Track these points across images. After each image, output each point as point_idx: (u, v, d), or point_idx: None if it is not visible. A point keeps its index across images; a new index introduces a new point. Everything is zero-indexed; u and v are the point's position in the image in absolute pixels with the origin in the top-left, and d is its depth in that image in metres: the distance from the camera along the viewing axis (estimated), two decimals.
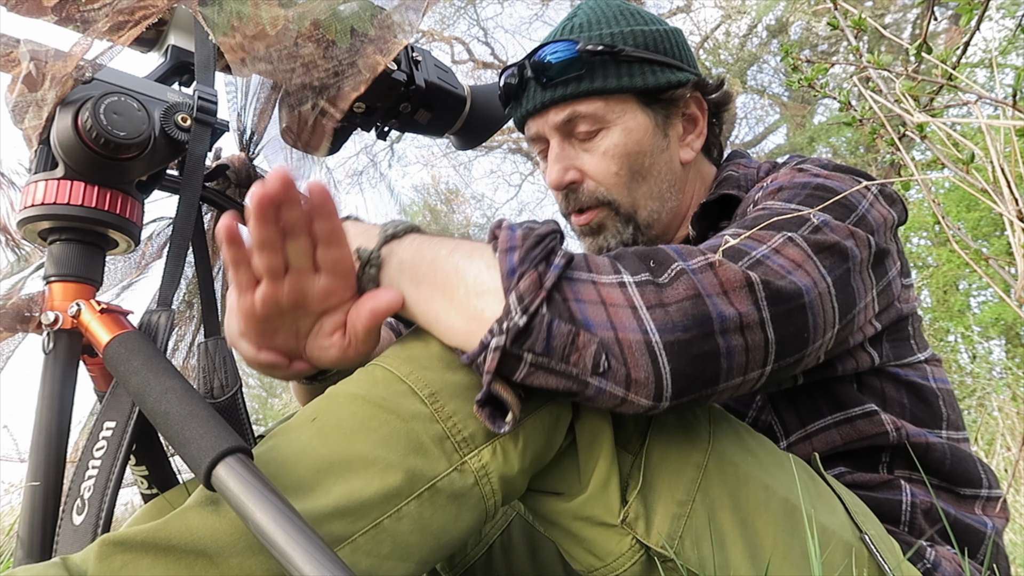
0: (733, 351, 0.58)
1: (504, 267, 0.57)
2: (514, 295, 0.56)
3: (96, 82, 0.67)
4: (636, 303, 0.57)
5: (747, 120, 9.34)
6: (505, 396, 0.57)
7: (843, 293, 0.69)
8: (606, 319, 0.56)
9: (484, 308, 0.58)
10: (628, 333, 0.56)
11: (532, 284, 0.56)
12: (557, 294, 0.57)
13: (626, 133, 0.94)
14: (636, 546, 0.64)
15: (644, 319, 0.56)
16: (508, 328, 0.55)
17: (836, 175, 0.81)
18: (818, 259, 0.67)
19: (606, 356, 0.55)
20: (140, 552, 0.49)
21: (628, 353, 0.55)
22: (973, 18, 0.71)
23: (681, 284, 0.58)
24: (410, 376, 0.60)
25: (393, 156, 10.37)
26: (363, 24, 0.77)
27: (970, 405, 3.96)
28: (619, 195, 0.95)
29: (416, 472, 0.56)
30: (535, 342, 0.55)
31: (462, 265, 0.60)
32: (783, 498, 0.67)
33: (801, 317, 0.63)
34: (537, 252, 0.58)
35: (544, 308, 0.56)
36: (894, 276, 0.82)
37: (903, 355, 0.87)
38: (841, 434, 0.83)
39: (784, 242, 0.67)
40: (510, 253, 0.58)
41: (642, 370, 0.55)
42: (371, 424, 0.57)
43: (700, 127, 1.00)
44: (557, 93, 0.93)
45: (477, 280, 0.59)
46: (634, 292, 0.58)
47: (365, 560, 0.54)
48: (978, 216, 5.45)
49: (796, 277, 0.63)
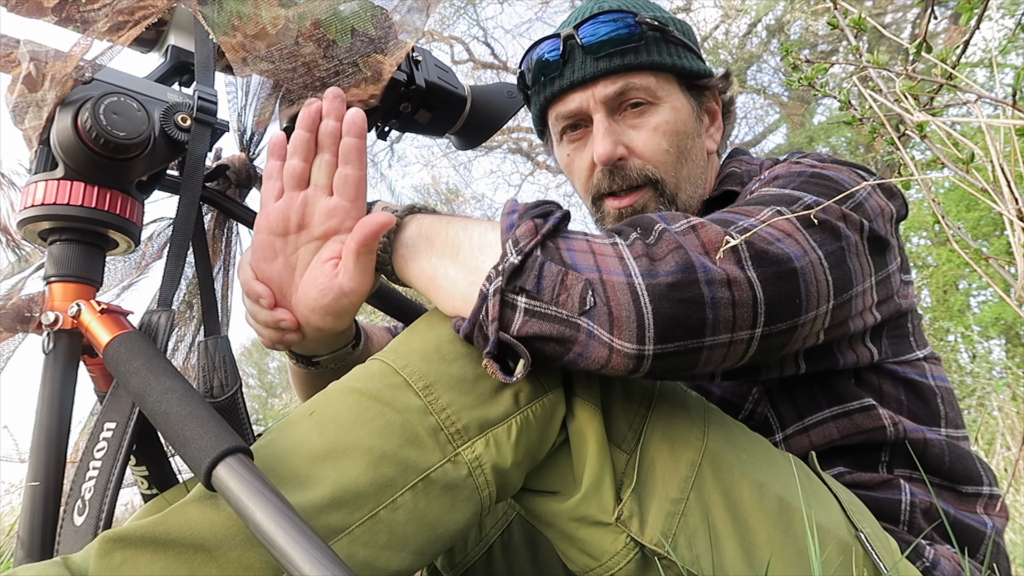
0: (719, 302, 0.58)
1: (504, 224, 0.63)
2: (510, 241, 0.60)
3: (96, 82, 0.67)
4: (624, 254, 0.60)
5: (747, 120, 9.34)
6: (513, 342, 0.59)
7: (837, 269, 0.68)
8: (593, 264, 0.59)
9: (484, 261, 0.62)
10: (612, 275, 0.58)
11: (528, 231, 0.61)
12: (550, 242, 0.61)
13: (675, 111, 0.94)
14: (631, 544, 0.64)
15: (629, 265, 0.59)
16: (504, 269, 0.58)
17: (833, 166, 0.81)
18: (807, 232, 0.67)
19: (592, 293, 0.58)
20: (140, 548, 0.49)
21: (611, 293, 0.57)
22: (973, 17, 0.71)
23: (665, 240, 0.61)
24: (405, 369, 0.61)
25: (393, 156, 10.36)
26: (363, 24, 0.77)
27: (970, 405, 3.96)
28: (666, 174, 0.93)
29: (410, 463, 0.57)
30: (527, 279, 0.58)
31: (471, 227, 0.66)
32: (777, 496, 0.67)
33: (792, 281, 0.62)
34: (536, 210, 0.63)
35: (538, 251, 0.60)
36: (894, 270, 0.82)
37: (902, 352, 0.87)
38: (839, 428, 0.82)
39: (772, 214, 0.67)
40: (511, 214, 0.64)
41: (623, 308, 0.57)
42: (366, 416, 0.58)
43: (718, 121, 1.02)
44: (613, 63, 0.90)
45: (481, 238, 0.64)
46: (623, 246, 0.61)
47: (362, 551, 0.55)
48: (978, 216, 5.45)
49: (784, 244, 0.64)
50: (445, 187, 11.24)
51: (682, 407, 0.71)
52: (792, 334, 0.65)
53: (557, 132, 1.00)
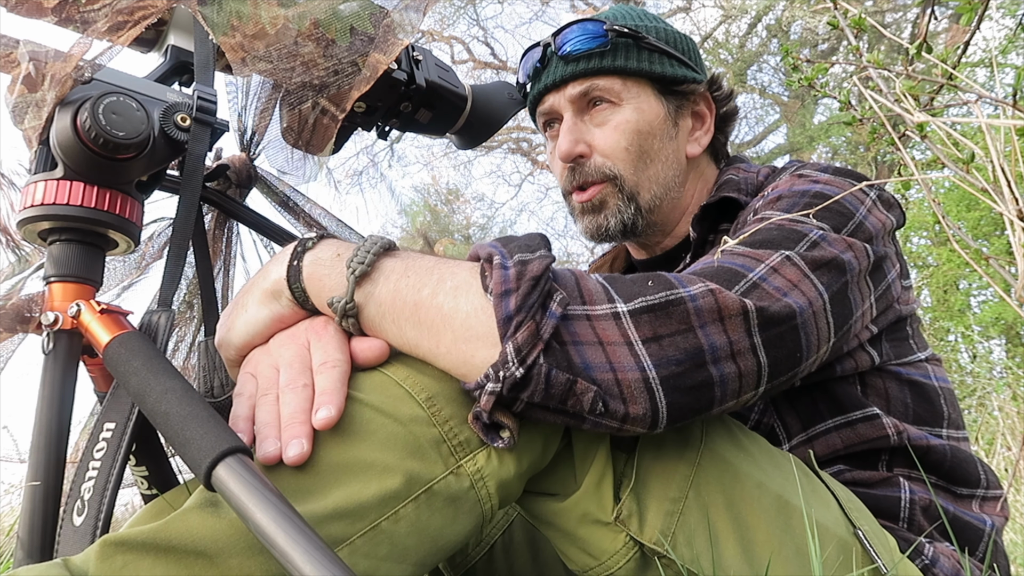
0: (726, 379, 0.60)
1: (499, 314, 0.55)
2: (511, 346, 0.54)
3: (95, 82, 0.67)
4: (632, 337, 0.57)
5: (747, 120, 9.34)
6: (503, 420, 0.58)
7: (839, 307, 0.70)
8: (604, 359, 0.56)
9: (474, 354, 0.57)
10: (626, 373, 0.56)
11: (530, 335, 0.55)
12: (555, 342, 0.56)
13: (638, 112, 0.98)
14: (630, 543, 0.65)
15: (640, 355, 0.57)
16: (505, 377, 0.55)
17: (835, 180, 0.82)
18: (815, 276, 0.68)
19: (603, 400, 0.56)
20: (141, 553, 0.49)
21: (628, 393, 0.56)
22: (973, 18, 0.71)
23: (676, 317, 0.59)
24: (407, 380, 0.60)
25: (393, 156, 10.37)
26: (363, 23, 0.77)
27: (970, 405, 3.96)
28: (625, 171, 0.97)
29: (413, 475, 0.57)
30: (533, 392, 0.55)
31: (447, 307, 0.58)
32: (776, 494, 0.67)
33: (793, 338, 0.64)
34: (534, 298, 0.56)
35: (542, 359, 0.55)
36: (893, 279, 0.83)
37: (904, 354, 0.87)
38: (842, 437, 0.83)
39: (781, 261, 0.67)
40: (505, 298, 0.56)
41: (640, 406, 0.57)
42: (369, 427, 0.57)
43: (708, 125, 1.04)
44: (579, 67, 0.97)
45: (466, 324, 0.57)
46: (629, 325, 0.58)
47: (363, 562, 0.54)
48: (978, 216, 5.45)
49: (792, 298, 0.64)
50: (445, 187, 11.25)
51: None
52: (791, 382, 0.68)
53: (542, 131, 1.08)
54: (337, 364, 0.61)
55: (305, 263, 0.63)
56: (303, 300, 0.63)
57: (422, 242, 10.27)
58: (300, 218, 0.95)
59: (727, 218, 0.94)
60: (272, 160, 0.91)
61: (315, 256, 0.63)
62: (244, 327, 0.65)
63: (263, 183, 0.94)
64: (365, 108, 0.86)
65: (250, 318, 0.64)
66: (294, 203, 0.95)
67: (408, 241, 10.58)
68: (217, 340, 0.67)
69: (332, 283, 0.61)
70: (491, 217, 11.52)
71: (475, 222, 11.58)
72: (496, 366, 0.55)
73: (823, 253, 0.70)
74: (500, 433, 0.59)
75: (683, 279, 0.62)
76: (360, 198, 10.48)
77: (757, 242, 0.71)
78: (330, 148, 0.85)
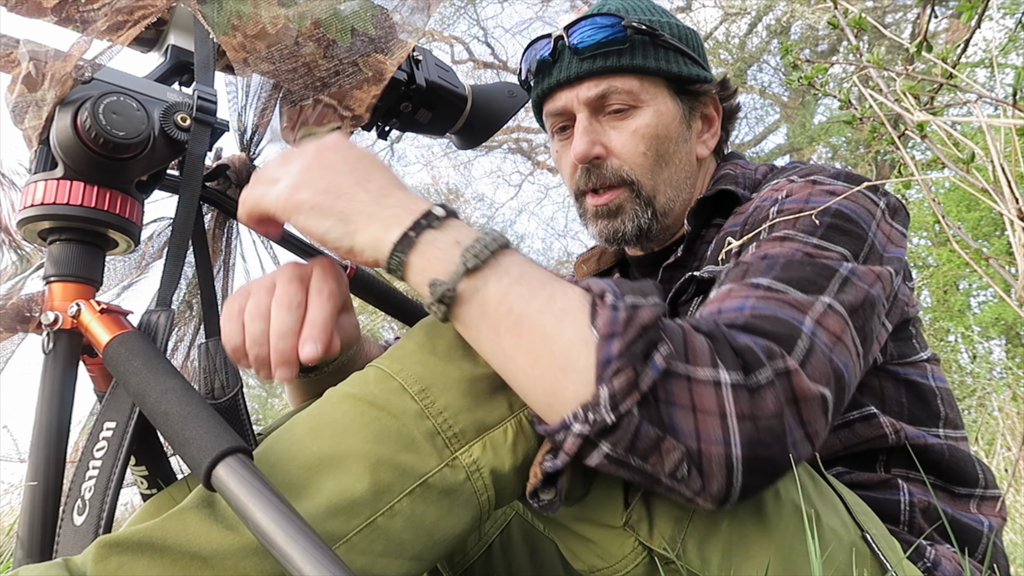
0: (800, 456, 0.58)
1: (601, 355, 0.53)
2: (606, 390, 0.52)
3: (95, 82, 0.67)
4: (727, 410, 0.55)
5: (747, 120, 9.34)
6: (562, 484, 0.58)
7: (866, 344, 0.69)
8: (693, 428, 0.54)
9: (566, 386, 0.54)
10: (712, 446, 0.54)
11: (628, 384, 0.52)
12: (651, 396, 0.54)
13: (657, 116, 0.95)
14: (639, 548, 0.64)
15: (732, 431, 0.55)
16: (594, 421, 0.53)
17: (848, 193, 0.79)
18: (852, 323, 0.67)
19: (687, 465, 0.54)
20: (136, 553, 0.49)
21: (707, 465, 0.55)
22: (973, 17, 0.71)
23: (770, 395, 0.57)
24: (400, 373, 0.60)
25: (393, 156, 10.36)
26: (363, 23, 0.77)
27: (970, 405, 3.96)
28: (642, 176, 0.95)
29: (407, 468, 0.57)
30: (619, 441, 0.53)
31: (551, 330, 0.55)
32: (787, 500, 0.67)
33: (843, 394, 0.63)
34: (638, 347, 0.53)
35: (635, 410, 0.53)
36: (899, 284, 0.82)
37: (907, 354, 0.87)
38: (840, 439, 0.83)
39: (824, 311, 0.65)
40: (609, 341, 0.53)
41: (716, 483, 0.55)
42: (362, 421, 0.57)
43: (715, 127, 1.03)
44: (596, 65, 0.93)
45: (566, 354, 0.54)
46: (728, 396, 0.55)
47: (360, 559, 0.54)
48: (978, 216, 5.45)
49: (837, 355, 0.63)
50: (445, 187, 11.25)
51: None
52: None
53: (549, 129, 1.04)
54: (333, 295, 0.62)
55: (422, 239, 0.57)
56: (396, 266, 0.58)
57: None
58: None
59: (722, 212, 0.94)
60: None
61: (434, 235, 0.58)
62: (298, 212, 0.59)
63: None
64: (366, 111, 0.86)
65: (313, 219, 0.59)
66: None
67: None
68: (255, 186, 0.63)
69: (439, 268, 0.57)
70: (491, 217, 11.52)
71: (475, 222, 11.58)
72: (587, 407, 0.53)
73: (856, 296, 0.68)
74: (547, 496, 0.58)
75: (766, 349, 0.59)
76: None
77: (794, 280, 0.68)
78: None
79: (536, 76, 0.99)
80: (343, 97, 0.78)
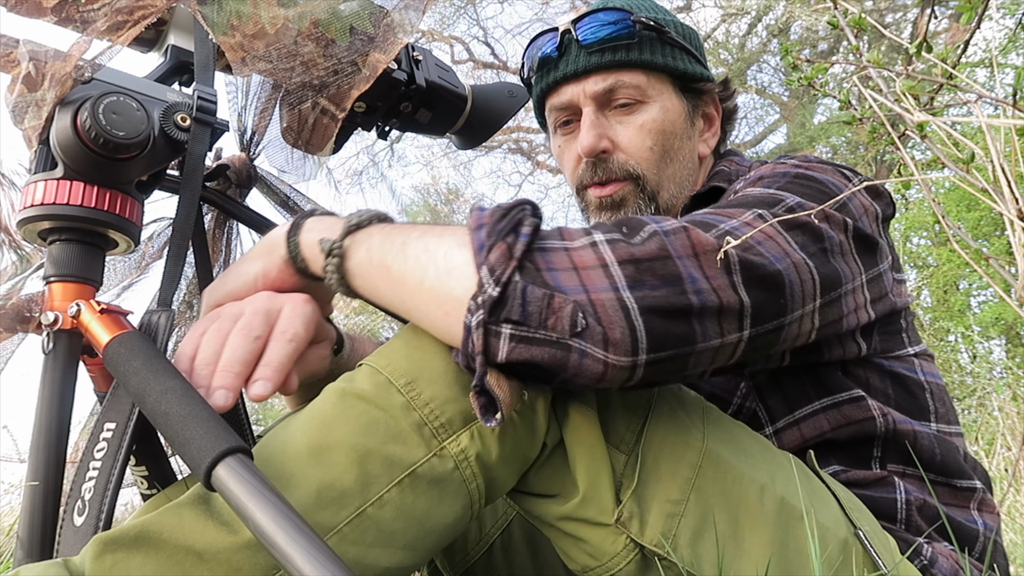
0: (706, 309, 0.58)
1: (474, 244, 0.58)
2: (485, 268, 0.56)
3: (95, 82, 0.67)
4: (607, 259, 0.58)
5: (747, 120, 9.34)
6: (496, 391, 0.57)
7: (823, 268, 0.68)
8: (578, 283, 0.56)
9: (455, 286, 0.57)
10: (600, 293, 0.56)
11: (502, 255, 0.56)
12: (529, 263, 0.57)
13: (663, 111, 0.96)
14: (631, 545, 0.65)
15: (615, 275, 0.57)
16: (483, 302, 0.55)
17: (818, 167, 0.81)
18: (789, 235, 0.67)
19: (582, 315, 0.55)
20: (132, 549, 0.49)
21: (602, 312, 0.55)
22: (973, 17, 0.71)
23: (653, 242, 0.59)
24: (387, 368, 0.61)
25: (393, 156, 10.37)
26: (362, 23, 0.77)
27: (970, 405, 3.96)
28: (648, 171, 0.95)
29: (395, 459, 0.57)
30: (511, 309, 0.55)
31: (432, 245, 0.60)
32: (778, 496, 0.67)
33: (775, 282, 0.63)
34: (503, 224, 0.58)
35: (517, 276, 0.56)
36: (885, 269, 0.82)
37: (893, 348, 0.87)
38: (829, 420, 0.82)
39: (754, 218, 0.67)
40: (479, 231, 0.58)
41: (617, 328, 0.55)
42: (350, 414, 0.58)
43: (716, 126, 1.04)
44: (604, 59, 0.93)
45: (447, 257, 0.59)
46: (605, 249, 0.58)
47: (352, 549, 0.55)
48: (978, 216, 5.45)
49: (764, 248, 0.63)
50: (445, 187, 11.25)
51: (681, 407, 0.70)
52: (779, 333, 0.66)
53: (552, 123, 1.04)
54: (295, 340, 0.63)
55: (307, 223, 0.67)
56: (295, 254, 0.66)
57: None
58: None
59: None
60: (272, 160, 0.91)
61: (317, 219, 0.68)
62: (232, 280, 0.68)
63: (263, 183, 0.94)
64: (365, 108, 0.86)
65: (241, 271, 0.68)
66: (294, 203, 0.95)
67: None
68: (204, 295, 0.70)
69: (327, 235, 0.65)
70: None
71: None
72: (475, 295, 0.55)
73: (797, 217, 0.68)
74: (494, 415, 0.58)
75: (656, 218, 0.63)
76: (360, 198, 10.49)
77: (731, 203, 0.70)
78: (330, 148, 0.86)
79: (540, 71, 0.99)
80: (341, 99, 0.78)
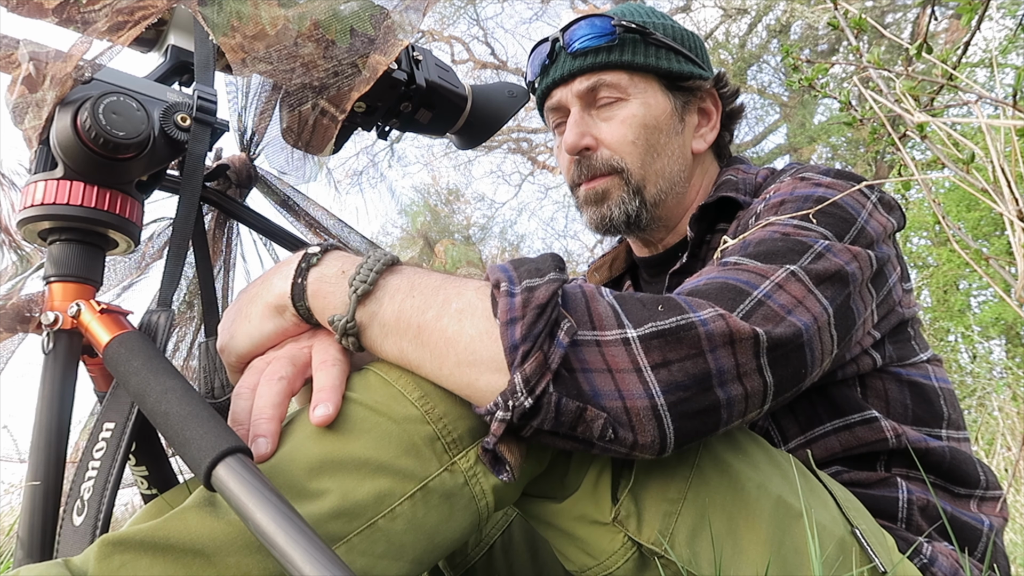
0: (733, 401, 0.60)
1: (506, 342, 0.55)
2: (519, 376, 0.54)
3: (95, 82, 0.67)
4: (641, 363, 0.57)
5: (747, 120, 9.34)
6: (507, 457, 0.58)
7: (842, 319, 0.70)
8: (613, 387, 0.56)
9: (478, 378, 0.57)
10: (635, 400, 0.56)
11: (538, 366, 0.54)
12: (564, 370, 0.56)
13: (645, 107, 0.98)
14: (628, 543, 0.65)
15: (649, 382, 0.57)
16: (514, 407, 0.55)
17: (837, 184, 0.82)
18: (819, 291, 0.68)
19: (613, 427, 0.56)
20: (139, 552, 0.49)
21: (636, 421, 0.57)
22: (973, 17, 0.71)
23: (687, 342, 0.58)
24: (399, 381, 0.61)
25: (393, 156, 10.37)
26: (363, 24, 0.77)
27: (970, 405, 3.96)
28: (631, 164, 0.98)
29: (409, 472, 0.57)
30: (543, 420, 0.56)
31: (451, 330, 0.58)
32: (775, 495, 0.68)
33: (798, 356, 0.64)
34: (541, 327, 0.55)
35: (551, 388, 0.55)
36: (894, 283, 0.83)
37: (907, 356, 0.88)
38: (840, 441, 0.83)
39: (786, 277, 0.67)
40: (511, 326, 0.55)
41: (648, 434, 0.57)
42: (364, 426, 0.58)
43: (714, 122, 1.05)
44: (587, 62, 0.97)
45: (470, 349, 0.57)
46: (638, 351, 0.57)
47: (360, 559, 0.55)
48: (978, 216, 5.45)
49: (796, 316, 0.64)
50: (445, 187, 11.25)
51: None
52: (796, 394, 0.68)
53: (550, 126, 1.08)
54: (337, 363, 0.61)
55: (310, 281, 0.62)
56: (307, 316, 0.63)
57: (422, 242, 10.27)
58: (300, 218, 0.95)
59: (725, 218, 0.95)
60: (272, 160, 0.91)
61: (320, 273, 0.63)
62: (247, 339, 0.65)
63: (263, 183, 0.94)
64: (365, 108, 0.86)
65: (254, 330, 0.65)
66: (294, 203, 0.95)
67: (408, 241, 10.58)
68: (219, 345, 0.68)
69: (336, 301, 0.61)
70: (491, 217, 11.52)
71: (475, 222, 11.59)
72: (506, 395, 0.55)
73: (827, 266, 0.70)
74: (504, 467, 0.59)
75: (692, 303, 0.61)
76: (360, 198, 10.49)
77: (762, 254, 0.70)
78: (330, 148, 0.86)
79: (538, 77, 1.04)
80: (342, 100, 0.78)
